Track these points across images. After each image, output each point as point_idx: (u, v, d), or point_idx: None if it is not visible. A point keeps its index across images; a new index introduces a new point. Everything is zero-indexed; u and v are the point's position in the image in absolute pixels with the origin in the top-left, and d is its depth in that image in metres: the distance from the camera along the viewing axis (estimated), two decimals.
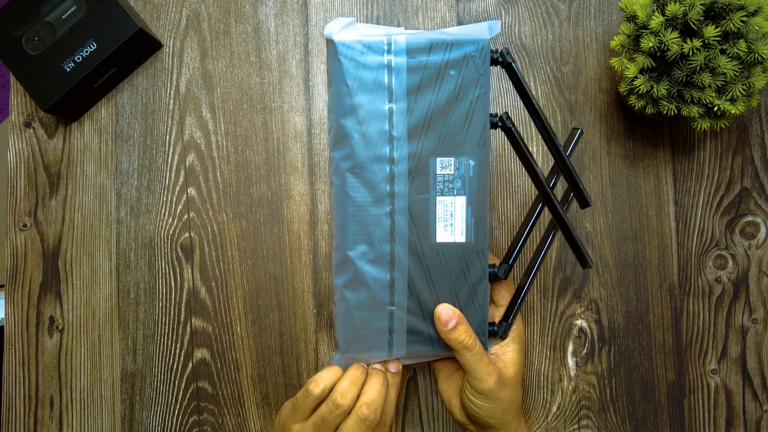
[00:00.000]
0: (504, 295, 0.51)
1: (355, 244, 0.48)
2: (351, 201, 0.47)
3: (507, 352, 0.50)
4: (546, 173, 0.58)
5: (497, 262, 0.52)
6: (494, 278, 0.50)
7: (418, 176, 0.47)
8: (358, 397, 0.47)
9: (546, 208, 0.50)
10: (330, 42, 0.46)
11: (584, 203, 0.49)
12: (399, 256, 0.48)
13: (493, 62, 0.47)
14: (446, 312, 0.48)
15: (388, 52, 0.46)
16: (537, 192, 0.52)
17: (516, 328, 0.51)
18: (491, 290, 0.52)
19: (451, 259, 0.48)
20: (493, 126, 0.47)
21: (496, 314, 0.52)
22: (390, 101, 0.46)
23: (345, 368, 0.49)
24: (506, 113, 0.48)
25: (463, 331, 0.47)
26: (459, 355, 0.48)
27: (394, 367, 0.50)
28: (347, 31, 0.46)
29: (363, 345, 0.49)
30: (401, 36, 0.45)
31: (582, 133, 0.52)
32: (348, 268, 0.48)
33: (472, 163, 0.47)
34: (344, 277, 0.49)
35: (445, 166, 0.47)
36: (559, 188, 0.58)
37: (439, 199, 0.47)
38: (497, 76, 0.62)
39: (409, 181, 0.47)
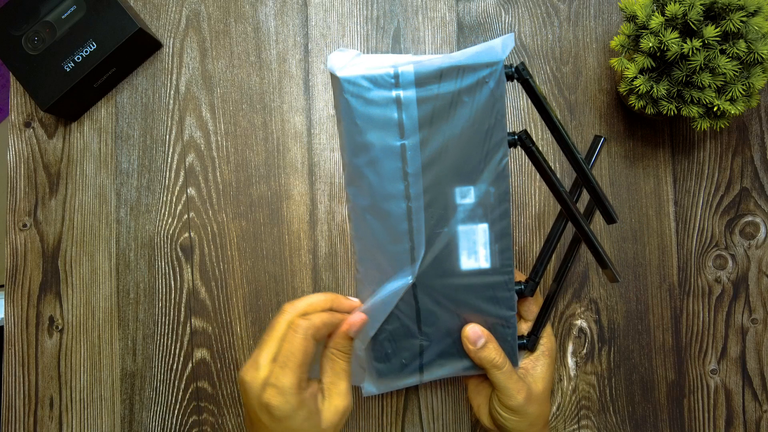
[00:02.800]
0: (532, 310, 0.51)
1: (380, 277, 0.47)
2: (370, 238, 0.46)
3: (537, 367, 0.50)
4: (569, 184, 0.56)
5: (523, 278, 0.51)
6: (520, 295, 0.49)
7: (437, 209, 0.45)
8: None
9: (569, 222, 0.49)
10: (334, 78, 0.44)
11: (610, 219, 0.46)
12: (421, 289, 0.47)
13: (509, 78, 0.44)
14: (474, 332, 0.47)
15: (396, 85, 0.43)
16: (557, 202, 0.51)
17: (547, 342, 0.50)
18: (518, 306, 0.51)
19: (477, 285, 0.47)
20: (512, 145, 0.45)
21: (524, 329, 0.51)
22: (402, 137, 0.44)
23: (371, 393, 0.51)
24: (525, 131, 0.45)
25: (492, 349, 0.47)
26: (489, 373, 0.48)
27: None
28: (352, 64, 0.43)
29: (395, 375, 0.50)
30: (408, 66, 0.42)
31: (605, 141, 0.49)
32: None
33: (492, 190, 0.45)
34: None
35: (465, 195, 0.45)
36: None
37: (461, 228, 0.46)
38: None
39: (428, 217, 0.45)
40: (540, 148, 0.46)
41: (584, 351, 0.61)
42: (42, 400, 0.61)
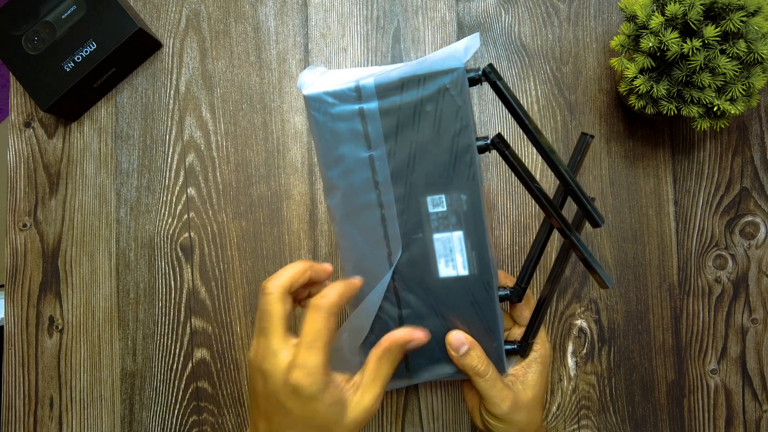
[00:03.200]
0: (524, 315, 0.50)
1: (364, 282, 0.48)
2: (350, 246, 0.47)
3: (528, 374, 0.49)
4: (554, 189, 0.55)
5: (512, 282, 0.50)
6: (507, 301, 0.49)
7: (411, 216, 0.45)
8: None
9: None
10: (302, 96, 0.45)
11: (594, 223, 0.45)
12: (404, 294, 0.47)
13: (475, 82, 0.43)
14: (457, 338, 0.47)
15: (359, 98, 0.43)
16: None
17: (540, 348, 0.50)
18: (511, 310, 0.51)
19: (458, 292, 0.47)
20: (483, 151, 0.44)
21: (519, 334, 0.51)
22: (369, 149, 0.44)
23: None
24: (498, 135, 0.44)
25: (475, 357, 0.47)
26: (472, 381, 0.47)
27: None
28: (319, 81, 0.44)
29: None
30: (369, 79, 0.43)
31: (592, 139, 0.49)
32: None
33: (464, 197, 0.44)
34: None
35: (437, 204, 0.45)
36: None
37: (436, 236, 0.46)
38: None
39: (402, 223, 0.46)
40: (516, 153, 0.44)
41: (584, 351, 0.61)
42: (42, 400, 0.61)
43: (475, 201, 0.44)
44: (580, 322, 0.61)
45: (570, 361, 0.61)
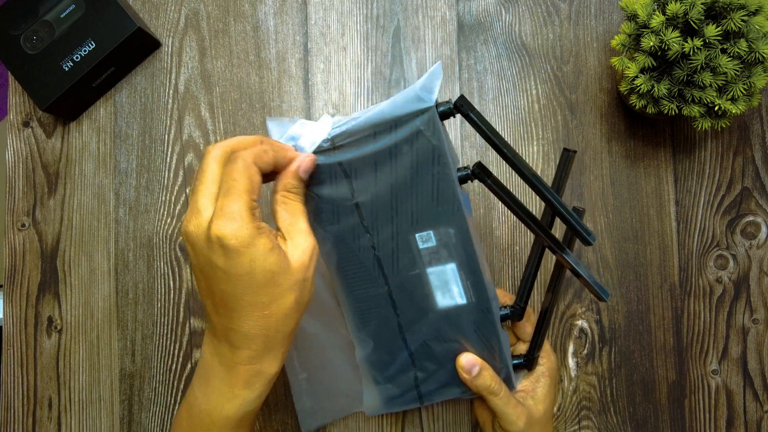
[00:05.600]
0: (526, 330, 0.50)
1: (364, 325, 0.49)
2: (348, 292, 0.48)
3: (537, 388, 0.49)
4: (542, 206, 0.55)
5: (511, 300, 0.51)
6: (507, 320, 0.49)
7: (403, 255, 0.46)
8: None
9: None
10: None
11: (586, 242, 0.44)
12: (407, 327, 0.48)
13: (446, 116, 0.42)
14: (468, 361, 0.47)
15: (334, 150, 0.43)
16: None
17: (546, 362, 0.50)
18: (513, 327, 0.51)
19: (459, 319, 0.47)
20: (465, 181, 0.44)
21: (522, 348, 0.51)
22: (353, 197, 0.45)
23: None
24: (479, 164, 0.44)
25: (488, 376, 0.47)
26: (487, 400, 0.47)
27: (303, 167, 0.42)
28: (289, 135, 0.44)
29: (395, 404, 0.52)
30: (341, 128, 0.43)
31: (574, 154, 0.48)
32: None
33: (451, 231, 0.45)
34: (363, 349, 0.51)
35: (426, 240, 0.45)
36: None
37: (429, 270, 0.46)
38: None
39: (396, 262, 0.46)
40: (498, 180, 0.44)
41: (585, 351, 0.60)
42: (41, 400, 0.61)
43: (463, 233, 0.45)
44: (580, 323, 0.61)
45: (571, 362, 0.60)
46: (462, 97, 0.41)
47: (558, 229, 0.58)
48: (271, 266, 0.36)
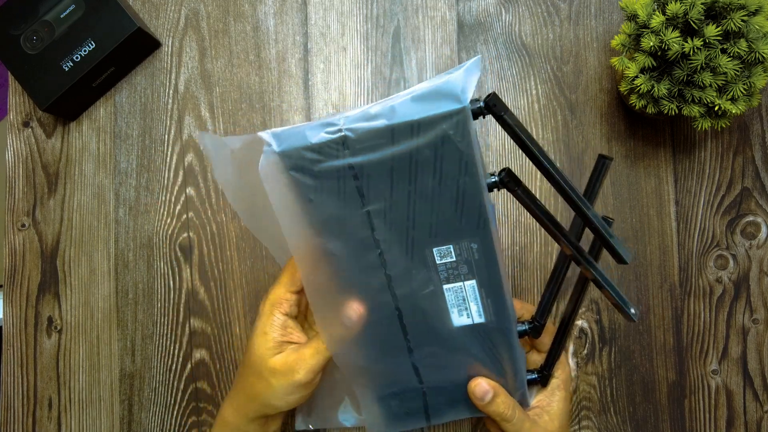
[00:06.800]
0: (544, 342, 0.49)
1: (372, 346, 0.46)
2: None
3: (552, 403, 0.48)
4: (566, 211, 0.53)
5: (529, 312, 0.48)
6: (524, 337, 0.47)
7: (418, 271, 0.42)
8: None
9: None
10: (267, 156, 0.38)
11: (620, 260, 0.40)
12: (416, 344, 0.45)
13: (477, 116, 0.36)
14: (481, 387, 0.46)
15: (345, 150, 0.37)
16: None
17: (561, 374, 0.49)
18: (530, 339, 0.50)
19: (475, 338, 0.44)
20: (491, 189, 0.39)
21: (538, 360, 0.50)
22: (364, 205, 0.39)
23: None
24: (507, 171, 0.38)
25: (500, 403, 0.46)
26: (500, 426, 0.46)
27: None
28: (286, 134, 0.38)
29: (400, 423, 0.49)
30: (354, 127, 0.37)
31: (611, 162, 0.43)
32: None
33: (474, 246, 0.40)
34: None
35: (444, 255, 0.41)
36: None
37: (446, 287, 0.42)
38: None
39: (409, 280, 0.42)
40: (528, 189, 0.40)
41: (585, 351, 0.60)
42: (41, 400, 0.61)
43: (487, 248, 0.40)
44: (581, 323, 0.60)
45: (571, 362, 0.60)
46: (494, 95, 0.36)
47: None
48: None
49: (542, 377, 0.48)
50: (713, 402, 0.60)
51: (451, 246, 0.41)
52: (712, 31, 0.47)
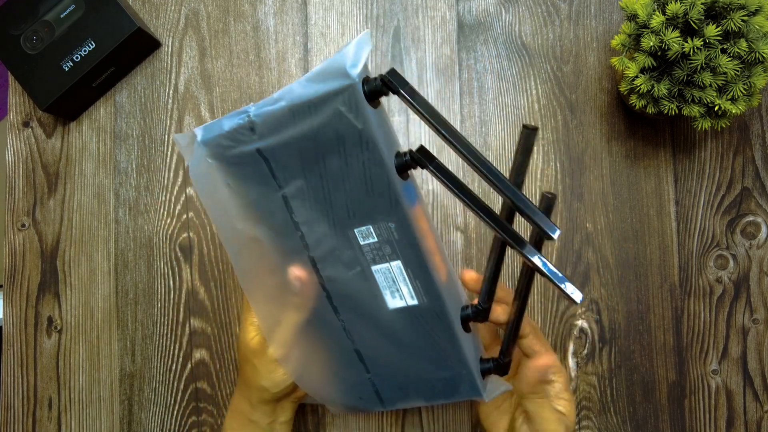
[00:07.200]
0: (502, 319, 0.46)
1: (314, 333, 0.46)
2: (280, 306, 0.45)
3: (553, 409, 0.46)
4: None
5: (509, 295, 0.45)
6: (471, 321, 0.44)
7: (343, 252, 0.41)
8: None
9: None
10: (189, 147, 0.40)
11: (546, 236, 0.37)
12: (353, 330, 0.45)
13: (375, 95, 0.35)
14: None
15: (253, 135, 0.38)
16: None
17: (565, 419, 0.46)
18: (491, 325, 0.49)
19: (413, 321, 0.43)
20: (405, 169, 0.38)
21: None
22: (279, 188, 0.39)
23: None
24: (420, 148, 0.38)
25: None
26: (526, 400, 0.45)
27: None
28: (209, 125, 0.40)
29: (358, 405, 0.50)
30: (258, 111, 0.38)
31: (535, 132, 0.38)
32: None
33: (393, 226, 0.39)
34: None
35: (366, 236, 0.40)
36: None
37: (374, 268, 0.41)
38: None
39: (335, 261, 0.42)
40: (443, 164, 0.38)
41: (585, 351, 0.60)
42: (41, 400, 0.61)
43: (405, 227, 0.39)
44: (580, 323, 0.60)
45: (571, 362, 0.60)
46: (392, 71, 0.35)
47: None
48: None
49: (497, 366, 0.44)
50: (713, 402, 0.60)
51: (370, 226, 0.40)
52: (712, 31, 0.47)
